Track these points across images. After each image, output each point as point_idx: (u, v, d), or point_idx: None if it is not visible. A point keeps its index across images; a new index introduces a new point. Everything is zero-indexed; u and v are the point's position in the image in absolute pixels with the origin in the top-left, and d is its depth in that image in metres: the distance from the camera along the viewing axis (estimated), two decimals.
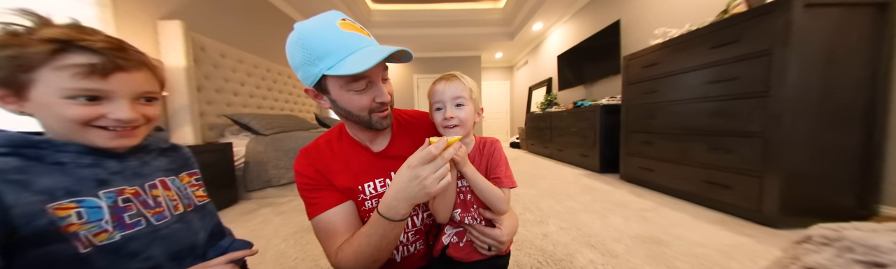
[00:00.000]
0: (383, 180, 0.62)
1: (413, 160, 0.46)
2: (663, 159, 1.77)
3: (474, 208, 0.61)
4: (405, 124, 0.70)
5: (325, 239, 0.57)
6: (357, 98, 0.52)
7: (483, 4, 4.33)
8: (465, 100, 0.57)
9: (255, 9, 2.88)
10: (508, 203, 0.60)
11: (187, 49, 1.82)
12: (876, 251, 0.36)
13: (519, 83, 6.33)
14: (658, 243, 1.12)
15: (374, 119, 0.56)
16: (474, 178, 0.56)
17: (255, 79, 2.67)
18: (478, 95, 0.60)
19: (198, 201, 0.54)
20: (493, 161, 0.61)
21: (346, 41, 0.47)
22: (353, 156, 0.63)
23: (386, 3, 4.20)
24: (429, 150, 0.46)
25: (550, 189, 2.01)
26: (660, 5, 2.38)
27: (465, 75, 0.61)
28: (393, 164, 0.62)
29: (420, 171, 0.45)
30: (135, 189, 0.43)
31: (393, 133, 0.67)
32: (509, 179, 0.60)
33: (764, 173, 1.22)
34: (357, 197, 0.61)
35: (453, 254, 0.62)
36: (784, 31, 1.14)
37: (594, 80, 3.32)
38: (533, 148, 4.30)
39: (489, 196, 0.57)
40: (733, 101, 1.34)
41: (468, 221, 0.61)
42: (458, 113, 0.57)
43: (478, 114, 0.61)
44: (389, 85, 0.57)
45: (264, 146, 1.94)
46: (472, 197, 0.61)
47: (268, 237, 1.28)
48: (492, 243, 0.58)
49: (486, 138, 0.65)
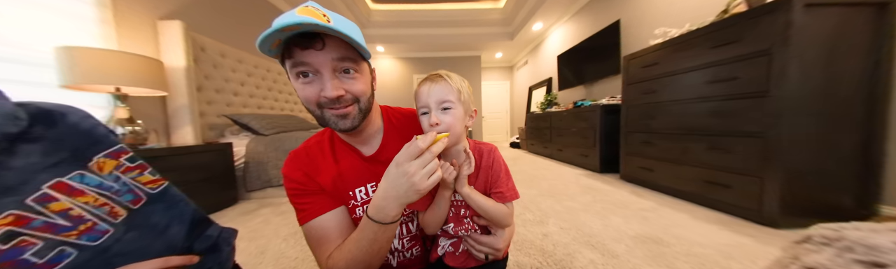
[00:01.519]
0: (375, 185, 0.58)
1: (400, 157, 0.43)
2: (663, 159, 1.77)
3: (468, 220, 0.58)
4: (397, 125, 0.64)
5: (315, 246, 0.54)
6: (303, 88, 0.47)
7: (483, 4, 4.33)
8: (452, 103, 0.50)
9: (255, 9, 2.88)
10: (511, 216, 0.57)
11: (187, 49, 1.82)
12: (876, 251, 0.36)
13: (519, 83, 6.33)
14: (658, 243, 1.12)
15: (327, 116, 0.50)
16: (475, 198, 0.53)
17: (255, 79, 2.67)
18: (469, 97, 0.53)
19: (149, 188, 0.38)
20: (493, 174, 0.57)
21: (283, 20, 0.41)
22: (344, 158, 0.59)
23: (386, 3, 4.19)
24: (416, 144, 0.43)
25: (550, 189, 2.01)
26: (660, 5, 2.38)
27: (454, 74, 0.53)
28: (384, 169, 0.57)
29: (408, 167, 0.42)
30: (12, 215, 0.27)
31: (384, 135, 0.62)
32: (512, 191, 0.57)
33: (764, 173, 1.22)
34: (347, 203, 0.58)
35: (450, 263, 0.60)
36: (784, 31, 1.14)
37: (594, 80, 3.32)
38: (533, 148, 4.30)
39: (494, 214, 0.54)
40: (733, 101, 1.34)
41: (462, 233, 0.58)
42: (444, 118, 0.50)
43: (470, 117, 0.55)
44: (356, 83, 0.49)
45: (264, 146, 1.94)
46: (465, 212, 0.58)
47: (268, 237, 1.28)
48: (489, 251, 0.57)
49: (482, 146, 0.60)
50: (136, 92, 1.47)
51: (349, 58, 0.46)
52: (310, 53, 0.44)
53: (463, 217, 0.58)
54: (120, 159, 0.36)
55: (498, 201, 0.56)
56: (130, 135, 1.36)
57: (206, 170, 1.65)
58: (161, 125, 1.81)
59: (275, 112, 2.91)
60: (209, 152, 1.69)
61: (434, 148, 0.44)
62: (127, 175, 0.36)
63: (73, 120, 0.34)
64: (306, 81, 0.47)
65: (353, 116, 0.51)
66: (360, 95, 0.50)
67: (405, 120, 0.66)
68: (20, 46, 1.22)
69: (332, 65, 0.46)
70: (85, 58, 1.20)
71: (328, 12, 0.47)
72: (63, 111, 0.34)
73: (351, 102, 0.50)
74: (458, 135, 0.52)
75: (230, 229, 0.49)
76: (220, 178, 1.77)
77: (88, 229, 0.31)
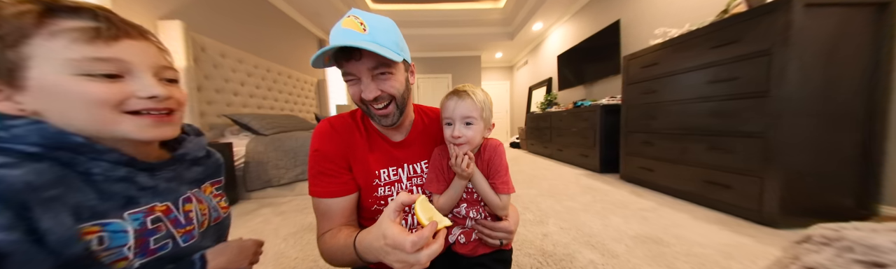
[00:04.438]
0: (396, 170, 0.64)
1: (407, 245, 0.37)
2: (663, 159, 1.77)
3: (481, 203, 0.64)
4: (429, 124, 0.70)
5: (318, 217, 0.61)
6: (349, 88, 0.56)
7: (483, 4, 4.33)
8: (474, 119, 0.58)
9: (255, 9, 2.88)
10: (506, 209, 0.63)
11: (187, 49, 1.82)
12: (876, 251, 0.36)
13: (519, 83, 6.33)
14: (658, 243, 1.12)
15: (372, 111, 0.57)
16: (480, 186, 0.61)
17: (255, 79, 2.67)
18: (490, 112, 0.61)
19: (222, 212, 0.48)
20: (493, 167, 0.62)
21: (334, 38, 0.51)
22: (374, 139, 0.64)
23: (386, 3, 4.19)
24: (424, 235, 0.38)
25: (550, 189, 2.01)
26: (660, 5, 2.38)
27: (479, 90, 0.60)
28: (407, 156, 0.65)
29: (408, 258, 0.37)
30: (166, 206, 0.37)
31: (411, 131, 0.67)
32: (506, 185, 0.61)
33: (764, 173, 1.22)
34: (371, 181, 0.62)
35: (459, 250, 0.64)
36: (784, 31, 1.14)
37: (594, 80, 3.32)
38: (533, 148, 4.29)
39: (489, 201, 0.62)
40: (733, 101, 1.34)
41: (473, 214, 0.63)
42: (465, 132, 0.58)
43: (488, 129, 0.62)
44: (391, 82, 0.55)
45: (264, 146, 1.93)
46: (477, 196, 0.63)
47: (268, 237, 1.28)
48: (504, 236, 0.61)
49: (487, 142, 0.65)
50: None
51: (383, 63, 0.53)
52: (351, 64, 0.52)
53: (477, 200, 0.64)
54: (214, 186, 0.50)
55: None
56: None
57: None
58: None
59: (275, 112, 2.91)
60: None
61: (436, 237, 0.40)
62: (216, 199, 0.48)
63: (216, 157, 0.52)
64: (351, 83, 0.56)
65: (393, 115, 0.58)
66: (395, 93, 0.56)
67: (433, 124, 0.71)
68: None
69: (369, 72, 0.53)
70: None
71: (367, 19, 0.52)
72: (213, 151, 0.52)
73: (388, 100, 0.56)
74: (476, 145, 0.61)
75: None
76: None
77: (188, 231, 0.39)
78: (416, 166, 0.66)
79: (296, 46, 3.67)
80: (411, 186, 0.65)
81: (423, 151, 0.67)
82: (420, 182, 0.66)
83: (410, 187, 0.65)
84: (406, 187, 0.65)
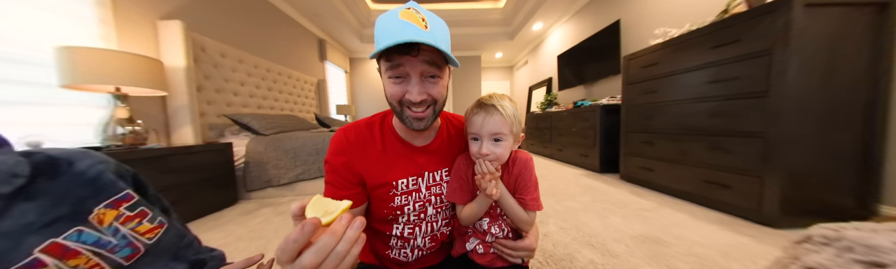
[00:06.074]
0: (416, 179, 0.62)
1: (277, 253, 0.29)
2: (663, 159, 1.77)
3: (504, 217, 0.61)
4: (455, 135, 0.68)
5: None
6: (392, 86, 0.52)
7: (483, 4, 4.33)
8: (504, 135, 0.53)
9: (255, 9, 2.88)
10: (532, 225, 0.60)
11: (187, 49, 1.82)
12: (876, 250, 0.36)
13: (519, 83, 6.33)
14: (658, 243, 1.12)
15: (406, 114, 0.54)
16: (507, 203, 0.57)
17: (255, 79, 2.67)
18: (519, 126, 0.56)
19: (146, 239, 0.35)
20: (521, 183, 0.59)
21: (392, 29, 0.48)
22: (391, 147, 0.62)
23: (386, 3, 4.19)
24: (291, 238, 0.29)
25: (550, 189, 2.01)
26: (660, 5, 2.38)
27: (506, 103, 0.55)
28: (428, 163, 0.63)
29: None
30: None
31: (436, 138, 0.65)
32: (536, 202, 0.58)
33: (764, 173, 1.22)
34: (388, 191, 0.60)
35: (477, 259, 0.62)
36: (784, 31, 1.14)
37: (594, 80, 3.32)
38: (533, 148, 4.29)
39: (514, 218, 0.58)
40: (733, 101, 1.34)
41: (495, 230, 0.60)
42: (494, 149, 0.53)
43: (517, 142, 0.58)
44: (437, 87, 0.53)
45: (264, 146, 1.94)
46: (501, 210, 0.61)
47: (268, 237, 1.28)
48: (526, 254, 0.59)
49: (516, 155, 0.61)
50: (136, 92, 1.47)
51: (436, 64, 0.50)
52: (406, 58, 0.48)
53: (500, 215, 0.61)
54: (120, 207, 0.34)
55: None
56: (130, 135, 1.36)
57: (206, 170, 1.65)
58: (161, 125, 1.81)
59: (275, 112, 2.91)
60: (209, 152, 1.69)
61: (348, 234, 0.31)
62: (126, 226, 0.34)
63: (80, 168, 0.33)
64: (397, 81, 0.51)
65: (427, 119, 0.55)
66: (438, 98, 0.54)
67: (458, 135, 0.69)
68: (20, 45, 1.22)
69: (422, 69, 0.50)
70: (85, 58, 1.20)
71: (426, 14, 0.50)
72: (71, 159, 0.33)
73: (430, 105, 0.54)
74: (503, 160, 0.56)
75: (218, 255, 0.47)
76: (220, 178, 1.77)
77: None
78: (436, 174, 0.64)
79: (296, 46, 3.67)
80: (430, 195, 0.63)
81: (445, 159, 0.65)
82: (439, 191, 0.64)
83: (429, 196, 0.63)
84: (424, 197, 0.63)
